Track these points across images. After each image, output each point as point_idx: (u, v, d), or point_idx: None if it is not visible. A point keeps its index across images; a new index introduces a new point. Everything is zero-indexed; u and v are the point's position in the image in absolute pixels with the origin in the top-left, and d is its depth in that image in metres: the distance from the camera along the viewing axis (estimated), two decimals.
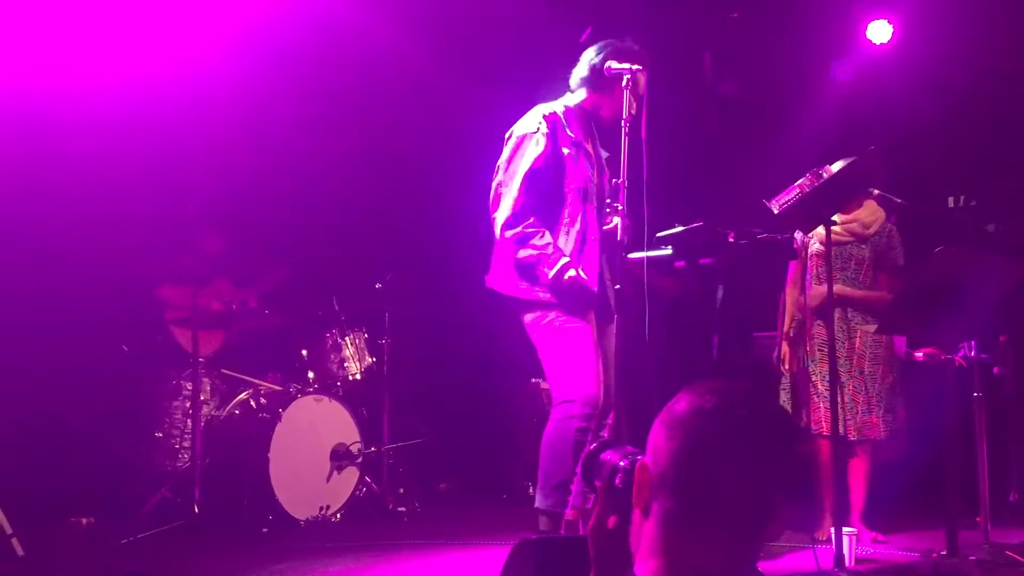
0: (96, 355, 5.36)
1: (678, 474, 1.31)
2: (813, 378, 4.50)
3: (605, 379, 3.94)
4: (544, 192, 3.90)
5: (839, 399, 4.37)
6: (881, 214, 4.61)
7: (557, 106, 4.03)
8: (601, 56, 3.99)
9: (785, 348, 4.61)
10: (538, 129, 3.92)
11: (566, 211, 3.92)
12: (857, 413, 4.45)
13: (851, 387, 4.46)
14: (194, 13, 5.34)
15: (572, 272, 3.79)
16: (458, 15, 5.87)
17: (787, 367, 4.62)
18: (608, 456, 1.53)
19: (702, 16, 6.34)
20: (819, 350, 4.50)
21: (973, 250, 4.26)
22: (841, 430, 4.37)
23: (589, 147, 4.03)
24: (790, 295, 4.68)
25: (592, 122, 4.10)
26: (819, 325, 4.49)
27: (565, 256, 3.82)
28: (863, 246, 4.58)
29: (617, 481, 1.48)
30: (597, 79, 3.99)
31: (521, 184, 3.88)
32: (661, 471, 1.33)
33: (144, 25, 5.28)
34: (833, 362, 3.83)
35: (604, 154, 4.11)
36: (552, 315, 3.88)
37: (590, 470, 1.56)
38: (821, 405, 4.44)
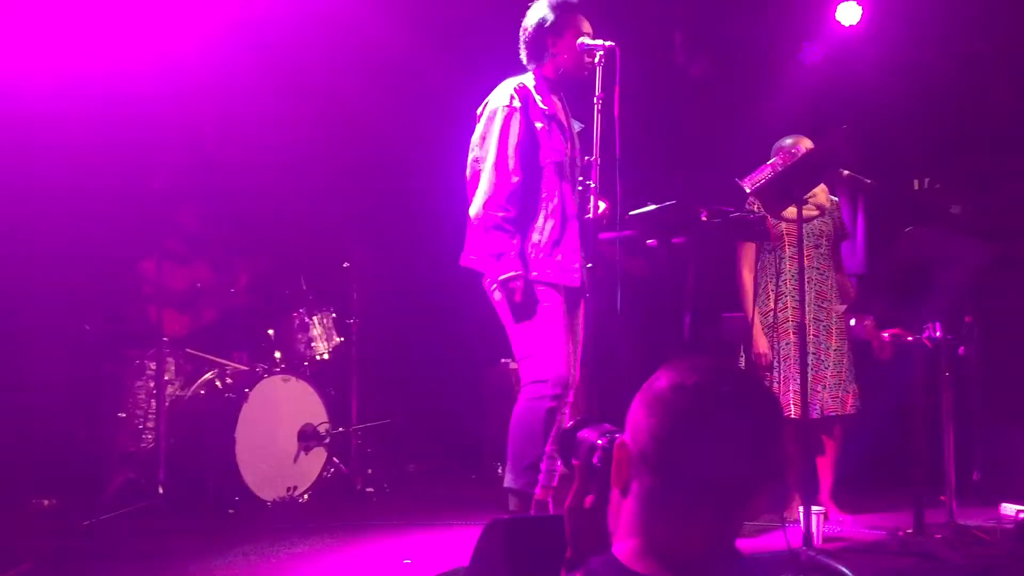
0: (60, 335, 5.27)
1: (658, 451, 1.29)
2: (788, 360, 4.48)
3: (574, 359, 3.94)
4: (522, 168, 3.88)
5: (815, 378, 4.40)
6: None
7: (527, 79, 3.99)
8: (541, 20, 3.95)
9: (763, 338, 4.53)
10: (512, 104, 3.89)
11: (542, 185, 3.90)
12: (828, 389, 4.47)
13: (826, 363, 4.48)
14: None
15: (519, 286, 3.78)
16: None
17: (764, 353, 4.56)
18: (586, 434, 1.51)
19: None
20: (794, 333, 4.48)
21: (941, 231, 4.29)
22: (820, 410, 4.41)
23: (563, 119, 4.00)
24: (747, 279, 4.60)
25: (561, 91, 4.07)
26: (794, 308, 4.47)
27: (518, 271, 3.80)
28: (826, 219, 4.61)
29: (595, 459, 1.45)
30: (538, 44, 3.96)
31: (500, 161, 3.85)
32: (641, 448, 1.31)
33: (112, 2, 5.17)
34: (803, 342, 3.83)
35: (578, 126, 4.07)
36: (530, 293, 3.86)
37: (567, 448, 1.54)
38: (782, 387, 4.45)
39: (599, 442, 1.47)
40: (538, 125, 3.89)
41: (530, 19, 3.99)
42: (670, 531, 1.28)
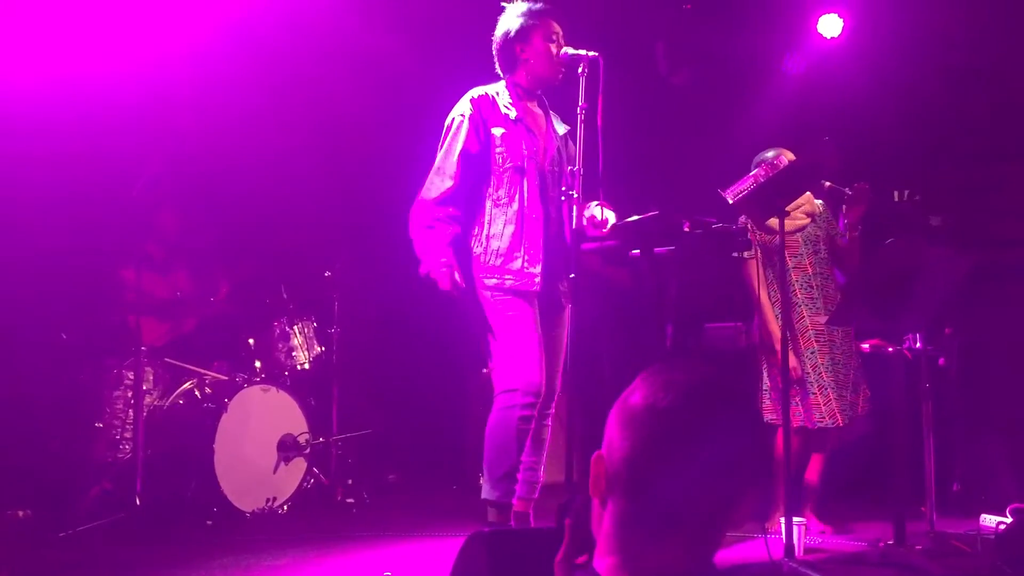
0: (35, 343, 5.21)
1: (630, 475, 1.26)
2: (817, 371, 4.45)
3: (550, 367, 3.92)
4: (474, 174, 3.93)
5: (841, 383, 4.38)
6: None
7: (493, 86, 4.03)
8: (506, 30, 3.99)
9: (792, 357, 4.40)
10: (463, 113, 3.94)
11: (501, 191, 3.90)
12: (843, 396, 4.43)
13: (836, 369, 4.44)
14: None
15: (440, 275, 3.82)
16: (412, 3, 5.80)
17: (795, 367, 4.43)
18: (578, 497, 1.50)
19: (656, 6, 6.34)
20: (816, 340, 4.48)
21: (920, 243, 4.31)
22: (827, 420, 4.39)
23: (533, 123, 4.00)
24: (765, 299, 4.47)
25: (537, 96, 4.07)
26: (810, 315, 4.45)
27: (441, 260, 3.85)
28: (818, 224, 4.58)
29: (566, 520, 1.43)
30: (507, 53, 4.01)
31: (439, 167, 3.92)
32: (615, 470, 1.28)
33: (87, 6, 5.14)
34: (786, 353, 3.83)
35: (563, 128, 4.07)
36: (493, 300, 3.86)
37: (563, 511, 1.53)
38: (822, 397, 4.41)
39: (577, 501, 1.45)
40: (497, 131, 3.91)
41: (497, 30, 4.04)
42: (646, 550, 1.26)
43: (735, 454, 1.26)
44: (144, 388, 4.94)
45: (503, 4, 4.03)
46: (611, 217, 3.86)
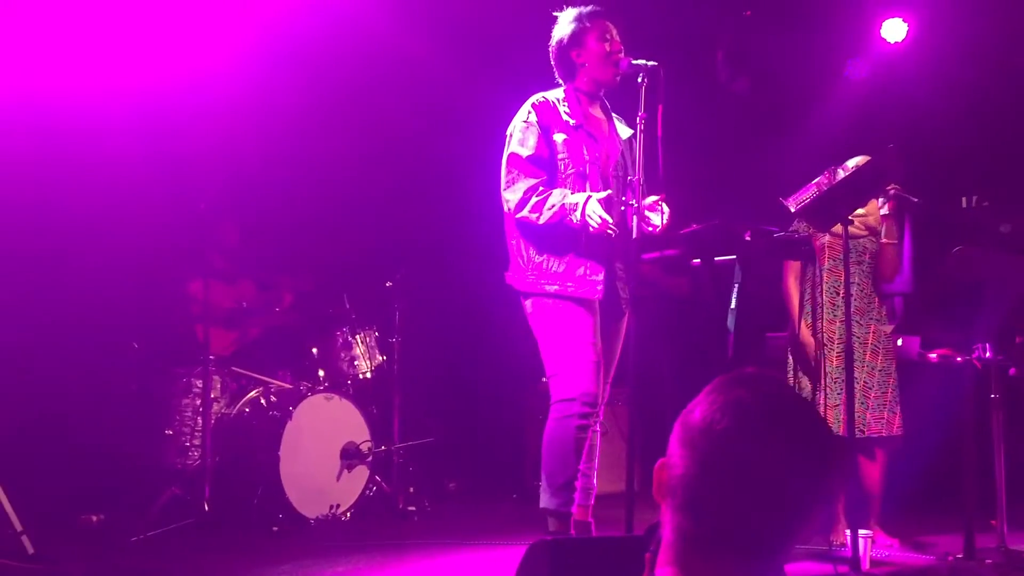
0: (108, 352, 5.36)
1: (685, 493, 1.25)
2: (829, 376, 4.42)
3: (605, 376, 3.92)
4: (542, 175, 3.90)
5: (858, 397, 4.32)
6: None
7: (552, 92, 4.03)
8: (560, 38, 3.99)
9: (813, 345, 4.42)
10: (527, 119, 3.94)
11: None
12: (874, 409, 4.36)
13: (869, 383, 4.39)
14: (202, 10, 5.34)
15: (594, 205, 3.71)
16: (470, 12, 5.84)
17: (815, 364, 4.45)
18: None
19: (715, 14, 6.31)
20: (836, 348, 4.42)
21: (989, 250, 4.22)
22: (862, 429, 4.32)
23: (595, 129, 3.99)
24: (793, 289, 4.52)
25: (600, 100, 4.07)
26: (828, 321, 4.41)
27: (581, 193, 3.77)
28: (873, 239, 4.51)
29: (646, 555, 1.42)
30: (563, 61, 4.00)
31: (521, 171, 3.88)
32: (672, 484, 1.27)
33: (152, 24, 5.29)
34: (850, 360, 3.78)
35: (627, 132, 4.04)
36: (554, 308, 3.86)
37: (647, 539, 1.52)
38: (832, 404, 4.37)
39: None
40: (559, 137, 3.91)
41: (552, 40, 4.05)
42: (702, 564, 1.25)
43: (795, 480, 1.22)
44: (212, 396, 5.05)
45: (555, 14, 4.04)
46: (665, 210, 3.82)
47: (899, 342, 4.49)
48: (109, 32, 5.19)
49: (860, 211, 4.41)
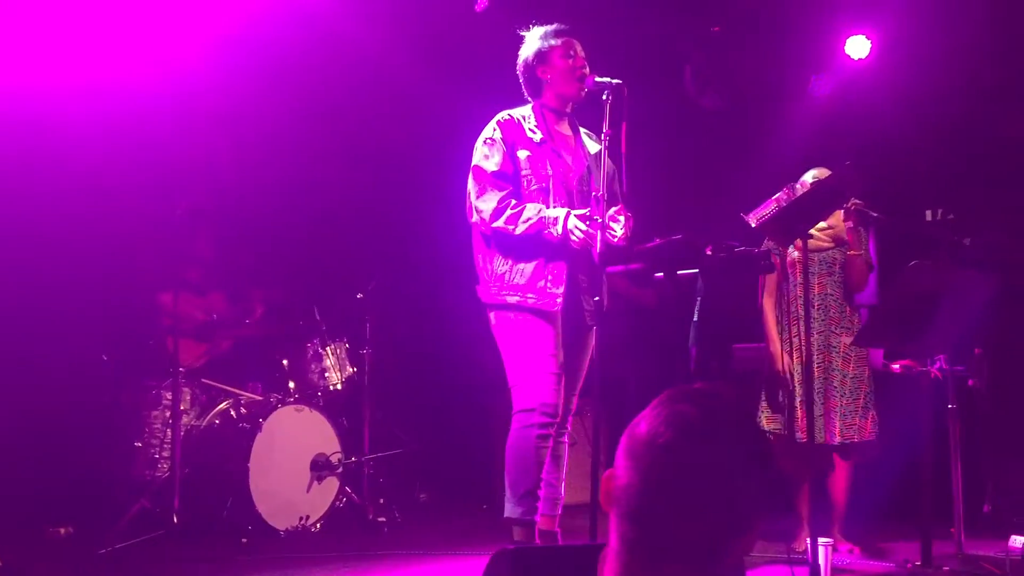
0: (77, 364, 5.35)
1: (629, 504, 1.29)
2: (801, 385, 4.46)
3: (568, 388, 3.97)
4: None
5: (829, 405, 4.38)
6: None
7: (519, 109, 4.09)
8: (526, 56, 4.06)
9: (787, 359, 4.48)
10: (492, 136, 4.00)
11: None
12: (847, 415, 4.41)
13: (841, 391, 4.43)
14: (177, 15, 5.33)
15: (575, 220, 3.78)
16: (443, 21, 5.88)
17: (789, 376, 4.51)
18: None
19: (683, 29, 6.39)
20: (816, 359, 4.46)
21: (949, 264, 4.31)
22: (823, 437, 4.37)
23: (561, 145, 4.05)
24: (767, 305, 4.63)
25: (567, 118, 4.13)
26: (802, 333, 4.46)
27: (560, 208, 3.84)
28: (842, 249, 4.58)
29: None
30: (530, 78, 4.07)
31: (487, 184, 3.93)
32: (617, 495, 1.31)
33: (127, 28, 5.25)
34: (809, 368, 3.85)
35: (595, 147, 4.07)
36: (515, 319, 3.91)
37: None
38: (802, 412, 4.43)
39: None
40: (522, 154, 3.96)
41: (519, 58, 4.11)
42: (646, 573, 1.29)
43: (733, 490, 1.26)
44: (181, 408, 5.05)
45: (521, 32, 4.11)
46: (622, 220, 3.82)
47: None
48: (77, 37, 5.15)
49: (824, 224, 4.49)
